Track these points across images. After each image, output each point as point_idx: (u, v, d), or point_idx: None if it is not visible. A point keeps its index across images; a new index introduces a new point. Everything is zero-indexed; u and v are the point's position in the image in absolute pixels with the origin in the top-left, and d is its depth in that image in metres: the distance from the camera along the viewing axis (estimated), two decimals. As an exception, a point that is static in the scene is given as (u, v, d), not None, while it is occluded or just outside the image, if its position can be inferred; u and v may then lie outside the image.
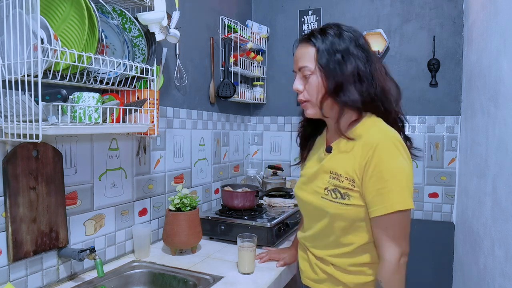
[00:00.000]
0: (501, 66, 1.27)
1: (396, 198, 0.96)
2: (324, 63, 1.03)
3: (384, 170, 0.97)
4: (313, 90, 1.06)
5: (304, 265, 1.22)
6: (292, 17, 2.50)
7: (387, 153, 0.98)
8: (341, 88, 1.02)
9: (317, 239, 1.15)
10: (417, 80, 2.21)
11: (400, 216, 0.97)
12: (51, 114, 1.01)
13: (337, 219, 1.06)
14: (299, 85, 1.09)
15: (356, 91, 1.02)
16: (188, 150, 1.91)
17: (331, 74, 1.02)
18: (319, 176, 1.12)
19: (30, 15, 0.94)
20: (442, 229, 2.17)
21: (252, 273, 1.37)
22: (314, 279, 1.17)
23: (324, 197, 1.08)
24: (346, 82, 1.02)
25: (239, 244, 1.37)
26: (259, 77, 2.51)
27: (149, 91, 1.38)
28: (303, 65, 1.07)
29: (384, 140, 1.00)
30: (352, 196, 1.03)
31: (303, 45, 1.09)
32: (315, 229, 1.14)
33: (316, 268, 1.15)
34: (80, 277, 1.29)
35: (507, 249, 1.15)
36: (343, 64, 1.02)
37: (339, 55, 1.02)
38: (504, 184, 1.19)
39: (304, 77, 1.08)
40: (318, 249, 1.15)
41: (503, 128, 1.23)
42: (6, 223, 1.08)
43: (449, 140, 2.16)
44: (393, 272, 0.98)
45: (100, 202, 1.40)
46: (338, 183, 1.05)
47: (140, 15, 1.30)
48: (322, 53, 1.03)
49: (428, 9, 2.17)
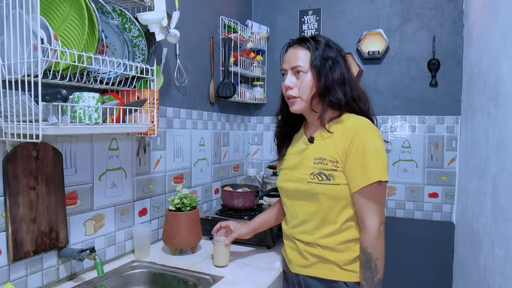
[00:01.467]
0: (501, 66, 1.27)
1: (376, 171, 1.11)
2: (317, 65, 1.18)
3: (365, 147, 1.12)
4: (305, 88, 1.20)
5: (292, 254, 1.28)
6: (292, 17, 2.50)
7: (367, 134, 1.14)
8: (330, 89, 1.18)
9: (304, 224, 1.23)
10: (417, 80, 2.21)
11: (379, 187, 1.13)
12: (51, 114, 1.01)
13: (324, 198, 1.17)
14: (291, 83, 1.22)
15: (341, 92, 1.19)
16: (188, 150, 1.91)
17: (323, 76, 1.18)
18: (302, 164, 1.23)
19: (30, 15, 0.94)
20: (442, 229, 2.17)
21: (226, 266, 1.43)
22: (304, 264, 1.24)
23: (310, 181, 1.19)
24: (334, 84, 1.19)
25: (215, 239, 1.43)
26: (259, 77, 2.51)
27: (149, 91, 1.38)
28: (298, 64, 1.21)
29: (363, 124, 1.16)
30: (336, 176, 1.16)
31: (297, 47, 1.23)
32: (302, 215, 1.24)
33: (305, 253, 1.23)
34: (80, 277, 1.29)
35: (507, 249, 1.15)
36: (332, 69, 1.19)
37: (330, 61, 1.19)
38: (504, 184, 1.19)
39: (296, 76, 1.22)
40: (305, 234, 1.23)
41: (503, 128, 1.23)
42: (6, 223, 1.08)
43: (449, 140, 2.16)
44: (376, 238, 1.12)
45: (100, 202, 1.40)
46: (323, 166, 1.17)
47: (140, 15, 1.30)
48: (316, 57, 1.19)
49: (428, 9, 2.17)
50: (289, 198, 1.30)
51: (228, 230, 1.47)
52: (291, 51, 1.25)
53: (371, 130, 1.16)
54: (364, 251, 1.13)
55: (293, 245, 1.28)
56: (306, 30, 2.46)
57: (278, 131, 1.40)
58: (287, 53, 1.27)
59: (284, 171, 1.32)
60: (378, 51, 2.24)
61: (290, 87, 1.22)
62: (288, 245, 1.32)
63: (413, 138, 2.23)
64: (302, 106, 1.23)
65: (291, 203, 1.29)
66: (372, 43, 2.28)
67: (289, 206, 1.30)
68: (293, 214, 1.28)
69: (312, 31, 2.44)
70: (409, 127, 2.24)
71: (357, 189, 1.13)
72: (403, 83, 2.24)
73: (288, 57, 1.25)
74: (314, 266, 1.21)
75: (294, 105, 1.24)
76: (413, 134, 2.23)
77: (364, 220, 1.14)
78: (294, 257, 1.27)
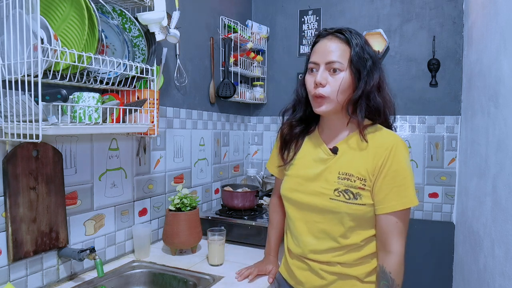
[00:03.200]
0: (501, 66, 1.27)
1: (411, 195, 1.04)
2: (358, 65, 1.04)
3: (400, 169, 1.03)
4: (338, 87, 1.04)
5: (304, 275, 1.16)
6: (292, 17, 2.50)
7: (401, 155, 1.05)
8: (369, 94, 1.06)
9: (319, 242, 1.11)
10: (417, 80, 2.21)
11: (408, 212, 1.06)
12: (51, 114, 1.01)
13: (348, 218, 1.07)
14: (323, 79, 1.05)
15: (380, 98, 1.07)
16: (188, 150, 1.91)
17: (363, 78, 1.04)
18: (322, 177, 1.11)
19: (30, 15, 0.94)
20: (442, 229, 2.17)
21: (221, 264, 1.43)
22: (321, 285, 1.13)
23: (334, 198, 1.07)
24: (373, 89, 1.06)
25: (210, 237, 1.43)
26: (259, 77, 2.51)
27: (149, 91, 1.38)
28: (335, 59, 1.04)
29: (398, 142, 1.06)
30: (363, 195, 1.05)
31: (334, 39, 1.06)
32: (317, 232, 1.12)
33: (321, 273, 1.12)
34: (80, 277, 1.29)
35: (507, 249, 1.15)
36: (373, 71, 1.06)
37: (370, 61, 1.05)
38: (504, 184, 1.19)
39: (330, 73, 1.05)
40: (321, 254, 1.12)
41: (503, 128, 1.23)
42: (6, 223, 1.08)
43: (449, 140, 2.16)
44: (401, 263, 1.05)
45: (100, 202, 1.40)
46: (350, 183, 1.06)
47: (140, 15, 1.30)
48: (356, 55, 1.04)
49: (428, 9, 2.17)
50: (300, 212, 1.15)
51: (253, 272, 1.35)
52: (325, 42, 1.06)
53: (405, 150, 1.07)
54: (387, 276, 1.04)
55: (304, 265, 1.16)
56: (306, 30, 2.46)
57: (288, 130, 1.22)
58: (320, 44, 1.08)
59: (294, 179, 1.17)
60: (378, 51, 2.23)
61: (322, 84, 1.04)
62: (295, 265, 1.18)
63: (413, 138, 2.23)
64: (332, 107, 1.07)
65: (301, 217, 1.15)
66: (372, 43, 2.25)
67: (298, 220, 1.16)
68: (303, 230, 1.14)
69: (312, 31, 2.44)
70: (409, 127, 2.24)
71: (388, 211, 1.04)
72: (403, 83, 2.24)
73: (322, 49, 1.06)
74: (334, 285, 1.11)
75: (323, 105, 1.07)
76: (413, 134, 2.23)
77: (389, 243, 1.05)
78: (307, 278, 1.15)
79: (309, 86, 1.09)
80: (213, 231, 1.45)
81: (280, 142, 1.25)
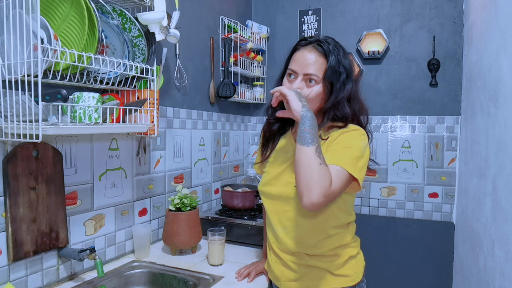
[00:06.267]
0: (501, 66, 1.27)
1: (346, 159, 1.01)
2: (331, 79, 1.10)
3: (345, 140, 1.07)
4: (313, 98, 1.11)
5: (279, 269, 1.19)
6: (292, 17, 2.50)
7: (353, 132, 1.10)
8: (337, 105, 1.12)
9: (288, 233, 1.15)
10: (417, 80, 2.21)
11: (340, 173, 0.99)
12: (51, 114, 1.01)
13: None
14: (299, 89, 1.11)
15: (348, 108, 1.13)
16: (188, 150, 1.91)
17: (335, 92, 1.11)
18: (290, 168, 1.14)
19: (30, 15, 0.94)
20: (442, 229, 2.17)
21: (221, 264, 1.43)
22: (294, 278, 1.16)
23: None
24: (343, 100, 1.12)
25: (210, 237, 1.43)
26: (259, 77, 2.51)
27: (149, 91, 1.38)
28: (312, 72, 1.10)
29: (355, 128, 1.12)
30: None
31: (313, 51, 1.12)
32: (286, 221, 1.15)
33: (292, 265, 1.16)
34: (80, 277, 1.29)
35: (507, 249, 1.15)
36: (345, 84, 1.12)
37: (344, 75, 1.11)
38: (504, 184, 1.19)
39: (306, 83, 1.12)
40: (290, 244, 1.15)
41: (503, 128, 1.23)
42: (6, 223, 1.08)
43: (449, 140, 2.16)
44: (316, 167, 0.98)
45: (100, 202, 1.40)
46: None
47: (140, 15, 1.30)
48: (331, 69, 1.10)
49: (428, 9, 2.17)
50: (272, 203, 1.20)
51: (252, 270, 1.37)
52: (305, 53, 1.12)
53: (360, 132, 1.10)
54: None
55: (278, 259, 1.20)
56: (306, 30, 2.45)
57: (267, 128, 1.28)
58: (300, 53, 1.14)
59: (268, 174, 1.23)
60: (378, 51, 2.24)
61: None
62: (273, 260, 1.22)
63: (413, 138, 2.23)
64: None
65: (273, 208, 1.20)
66: (372, 43, 2.28)
67: (271, 211, 1.20)
68: (275, 221, 1.19)
69: (312, 31, 2.44)
70: (409, 127, 2.24)
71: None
72: (403, 83, 2.24)
73: (302, 60, 1.12)
74: (306, 277, 1.14)
75: None
76: (413, 134, 2.23)
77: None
78: (282, 272, 1.19)
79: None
80: (213, 231, 1.45)
81: (262, 140, 1.31)
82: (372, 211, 2.33)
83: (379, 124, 2.30)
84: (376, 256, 2.27)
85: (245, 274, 1.34)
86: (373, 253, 2.21)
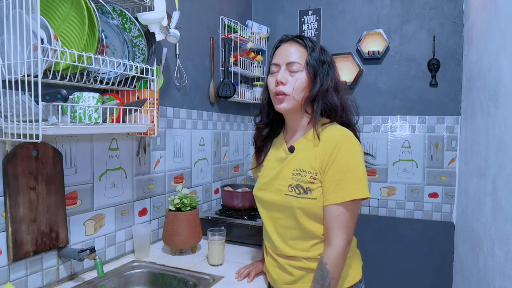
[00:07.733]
0: (501, 66, 1.27)
1: (352, 188, 1.05)
2: (314, 66, 1.12)
3: (345, 162, 1.06)
4: (299, 87, 1.13)
5: (276, 272, 1.20)
6: (292, 17, 2.50)
7: (347, 147, 1.08)
8: (325, 93, 1.13)
9: (284, 238, 1.17)
10: (417, 80, 2.21)
11: (352, 204, 1.07)
12: (51, 114, 1.01)
13: (300, 213, 1.11)
14: (284, 78, 1.13)
15: (336, 98, 1.14)
16: (188, 150, 1.91)
17: (319, 78, 1.12)
18: (281, 174, 1.17)
19: (30, 15, 0.94)
20: (442, 229, 2.17)
21: (221, 264, 1.43)
22: (290, 281, 1.17)
23: (287, 193, 1.13)
24: (330, 89, 1.13)
25: (210, 237, 1.43)
26: (259, 77, 2.51)
27: (149, 91, 1.38)
28: (294, 60, 1.13)
29: (346, 137, 1.10)
30: (313, 189, 1.09)
31: (294, 44, 1.16)
32: (280, 228, 1.17)
33: (290, 268, 1.16)
34: (80, 277, 1.29)
35: (507, 249, 1.15)
36: (328, 74, 1.14)
37: (326, 65, 1.15)
38: (504, 184, 1.19)
39: (290, 73, 1.14)
40: (286, 249, 1.16)
41: (503, 128, 1.23)
42: (6, 223, 1.08)
43: (449, 140, 2.16)
44: (338, 257, 1.07)
45: (100, 202, 1.40)
46: (301, 177, 1.11)
47: (140, 15, 1.30)
48: (313, 57, 1.13)
49: (428, 9, 2.17)
50: (266, 209, 1.22)
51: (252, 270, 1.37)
52: (286, 46, 1.16)
53: (353, 143, 1.09)
54: (323, 267, 1.06)
55: (274, 262, 1.21)
56: (306, 30, 2.46)
57: (258, 134, 1.29)
58: (281, 48, 1.17)
59: (262, 179, 1.24)
60: (378, 51, 2.24)
61: (283, 82, 1.12)
62: (270, 263, 1.24)
63: (413, 138, 2.23)
64: (292, 105, 1.13)
65: (268, 214, 1.21)
66: (372, 43, 2.28)
67: (265, 218, 1.22)
68: (269, 227, 1.20)
69: (312, 31, 2.44)
70: (409, 127, 2.24)
71: (329, 203, 1.07)
72: (403, 83, 2.24)
73: (283, 52, 1.15)
74: (302, 280, 1.14)
75: (283, 103, 1.13)
76: (413, 134, 2.23)
77: (331, 236, 1.07)
78: (278, 275, 1.20)
79: (271, 86, 1.17)
80: (213, 231, 1.45)
81: (255, 146, 1.33)
82: (372, 211, 2.34)
83: (379, 124, 2.30)
84: (376, 256, 2.27)
85: (245, 274, 1.34)
86: (373, 253, 2.21)
